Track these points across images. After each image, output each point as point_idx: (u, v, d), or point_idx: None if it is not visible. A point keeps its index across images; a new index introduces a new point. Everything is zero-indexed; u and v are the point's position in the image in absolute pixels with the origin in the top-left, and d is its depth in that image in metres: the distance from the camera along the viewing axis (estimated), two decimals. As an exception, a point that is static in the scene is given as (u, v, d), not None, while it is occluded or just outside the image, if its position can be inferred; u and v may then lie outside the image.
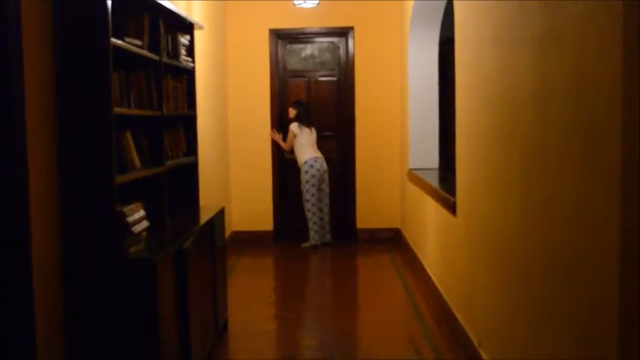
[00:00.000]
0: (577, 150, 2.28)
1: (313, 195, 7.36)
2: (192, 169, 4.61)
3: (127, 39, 3.34)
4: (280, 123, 7.82)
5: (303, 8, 7.36)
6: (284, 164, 7.89)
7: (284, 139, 7.61)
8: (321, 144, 7.76)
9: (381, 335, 4.67)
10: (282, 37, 7.80)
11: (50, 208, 2.90)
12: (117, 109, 3.10)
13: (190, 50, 4.59)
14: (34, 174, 2.71)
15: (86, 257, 3.02)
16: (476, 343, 3.92)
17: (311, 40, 7.84)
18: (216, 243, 4.41)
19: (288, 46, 7.85)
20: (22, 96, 2.62)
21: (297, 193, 7.87)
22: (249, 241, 7.76)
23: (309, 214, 7.42)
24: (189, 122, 4.59)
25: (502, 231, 3.34)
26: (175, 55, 4.23)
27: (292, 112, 7.43)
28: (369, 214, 7.92)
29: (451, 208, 4.57)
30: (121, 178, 3.11)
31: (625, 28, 1.89)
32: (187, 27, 4.56)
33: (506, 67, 3.21)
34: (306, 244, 7.46)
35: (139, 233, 3.33)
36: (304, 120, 7.43)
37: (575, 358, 2.35)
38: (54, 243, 2.93)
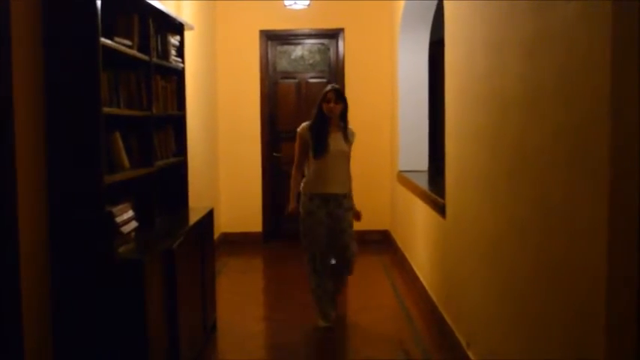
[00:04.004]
0: (565, 152, 2.29)
1: None
2: (182, 169, 4.60)
3: (117, 39, 3.33)
4: (270, 125, 7.81)
5: (293, 9, 7.36)
6: (274, 166, 7.88)
7: (318, 150, 4.70)
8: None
9: (369, 336, 4.67)
10: (273, 39, 7.80)
11: (39, 208, 2.88)
12: (106, 109, 3.09)
13: (180, 51, 4.58)
14: (22, 173, 2.69)
15: (75, 257, 3.00)
16: (464, 345, 3.93)
17: (301, 41, 7.85)
18: (205, 244, 4.40)
19: (279, 48, 7.85)
20: (10, 96, 2.61)
21: (286, 195, 7.85)
22: (238, 242, 7.75)
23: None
24: (178, 123, 4.58)
25: (491, 233, 3.34)
26: (165, 55, 4.22)
27: (338, 106, 4.71)
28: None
29: (440, 210, 4.58)
30: (109, 179, 3.10)
31: (614, 31, 1.90)
32: (177, 27, 4.55)
33: (495, 70, 3.22)
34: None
35: (128, 234, 3.31)
36: None
37: (563, 359, 2.36)
38: (42, 243, 2.91)
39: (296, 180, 4.83)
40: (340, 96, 4.71)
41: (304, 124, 4.79)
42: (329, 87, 4.79)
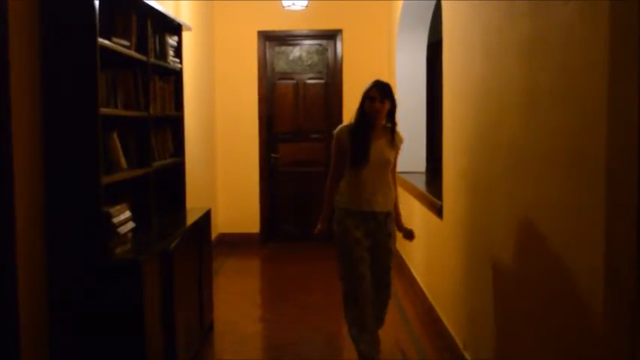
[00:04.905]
0: (562, 154, 2.30)
1: None
2: (179, 170, 4.59)
3: (115, 39, 3.33)
4: (268, 126, 7.81)
5: (291, 10, 7.36)
6: (272, 167, 7.87)
7: (358, 154, 3.83)
8: (309, 146, 7.79)
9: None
10: (271, 39, 7.80)
11: (36, 209, 2.88)
12: (103, 110, 3.09)
13: (178, 51, 4.58)
14: (19, 174, 2.69)
15: (72, 258, 3.00)
16: (461, 346, 3.93)
17: (299, 42, 7.85)
18: (202, 244, 4.40)
19: (277, 48, 7.85)
20: (7, 96, 2.60)
21: (284, 196, 7.87)
22: (235, 243, 7.74)
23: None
24: (176, 123, 4.57)
25: (488, 234, 3.35)
26: (163, 55, 4.22)
27: (384, 105, 3.83)
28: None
29: (437, 211, 4.58)
30: (107, 179, 3.10)
31: (612, 33, 1.90)
32: (175, 28, 4.55)
33: (493, 72, 3.22)
34: None
35: (125, 234, 3.31)
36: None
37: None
38: (39, 243, 2.91)
39: (331, 194, 3.99)
40: (387, 93, 3.82)
41: (342, 126, 3.98)
42: (372, 83, 3.91)
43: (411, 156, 6.89)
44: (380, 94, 3.79)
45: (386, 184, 3.88)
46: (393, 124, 3.92)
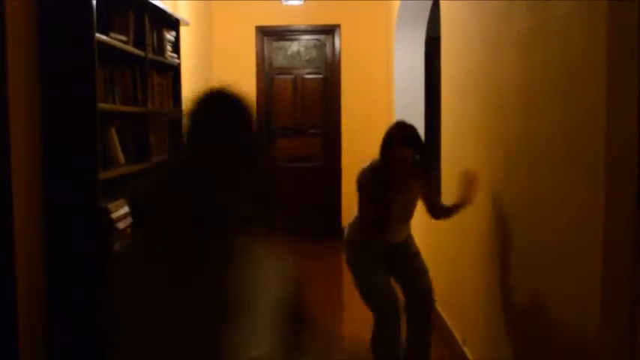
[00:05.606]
0: (561, 150, 2.29)
1: None
2: (177, 165, 4.58)
3: (112, 34, 3.32)
4: (266, 121, 7.80)
5: (289, 5, 7.35)
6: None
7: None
8: (307, 142, 7.77)
9: (364, 334, 4.66)
10: (269, 34, 7.78)
11: (34, 204, 2.87)
12: (101, 105, 3.08)
13: (176, 46, 4.57)
14: (17, 169, 2.68)
15: (70, 253, 2.99)
16: (460, 341, 3.94)
17: (297, 37, 7.83)
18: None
19: (275, 44, 7.83)
20: (5, 91, 2.59)
21: (281, 191, 7.86)
22: (234, 238, 7.73)
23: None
24: (174, 118, 4.56)
25: (486, 230, 3.34)
26: (161, 51, 4.21)
27: (405, 150, 3.36)
28: (354, 212, 7.90)
29: (436, 206, 4.57)
30: (105, 174, 3.09)
31: (609, 28, 1.90)
32: (173, 23, 4.53)
33: (492, 67, 3.22)
34: None
35: (124, 229, 3.31)
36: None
37: (560, 357, 2.36)
38: (38, 239, 2.90)
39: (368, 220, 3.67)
40: (408, 133, 3.36)
41: (366, 168, 3.60)
42: (393, 123, 3.53)
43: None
44: (400, 134, 3.35)
45: (407, 222, 3.66)
46: (428, 166, 3.49)
